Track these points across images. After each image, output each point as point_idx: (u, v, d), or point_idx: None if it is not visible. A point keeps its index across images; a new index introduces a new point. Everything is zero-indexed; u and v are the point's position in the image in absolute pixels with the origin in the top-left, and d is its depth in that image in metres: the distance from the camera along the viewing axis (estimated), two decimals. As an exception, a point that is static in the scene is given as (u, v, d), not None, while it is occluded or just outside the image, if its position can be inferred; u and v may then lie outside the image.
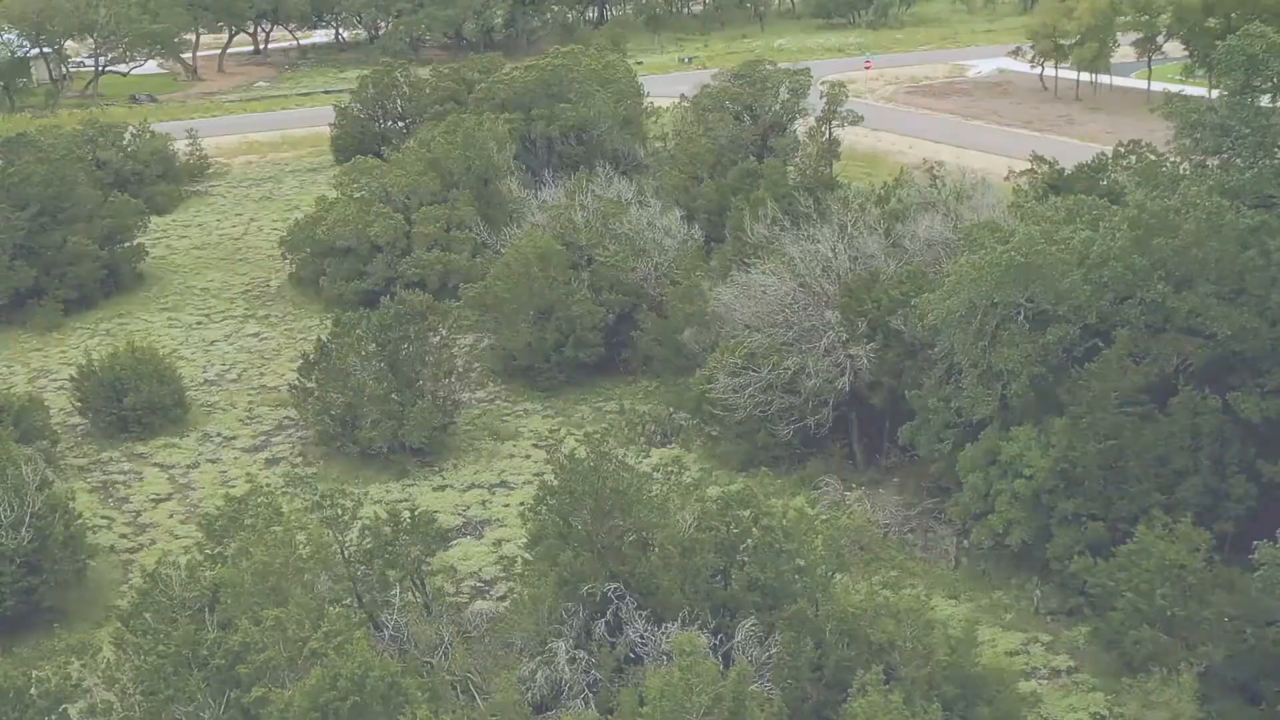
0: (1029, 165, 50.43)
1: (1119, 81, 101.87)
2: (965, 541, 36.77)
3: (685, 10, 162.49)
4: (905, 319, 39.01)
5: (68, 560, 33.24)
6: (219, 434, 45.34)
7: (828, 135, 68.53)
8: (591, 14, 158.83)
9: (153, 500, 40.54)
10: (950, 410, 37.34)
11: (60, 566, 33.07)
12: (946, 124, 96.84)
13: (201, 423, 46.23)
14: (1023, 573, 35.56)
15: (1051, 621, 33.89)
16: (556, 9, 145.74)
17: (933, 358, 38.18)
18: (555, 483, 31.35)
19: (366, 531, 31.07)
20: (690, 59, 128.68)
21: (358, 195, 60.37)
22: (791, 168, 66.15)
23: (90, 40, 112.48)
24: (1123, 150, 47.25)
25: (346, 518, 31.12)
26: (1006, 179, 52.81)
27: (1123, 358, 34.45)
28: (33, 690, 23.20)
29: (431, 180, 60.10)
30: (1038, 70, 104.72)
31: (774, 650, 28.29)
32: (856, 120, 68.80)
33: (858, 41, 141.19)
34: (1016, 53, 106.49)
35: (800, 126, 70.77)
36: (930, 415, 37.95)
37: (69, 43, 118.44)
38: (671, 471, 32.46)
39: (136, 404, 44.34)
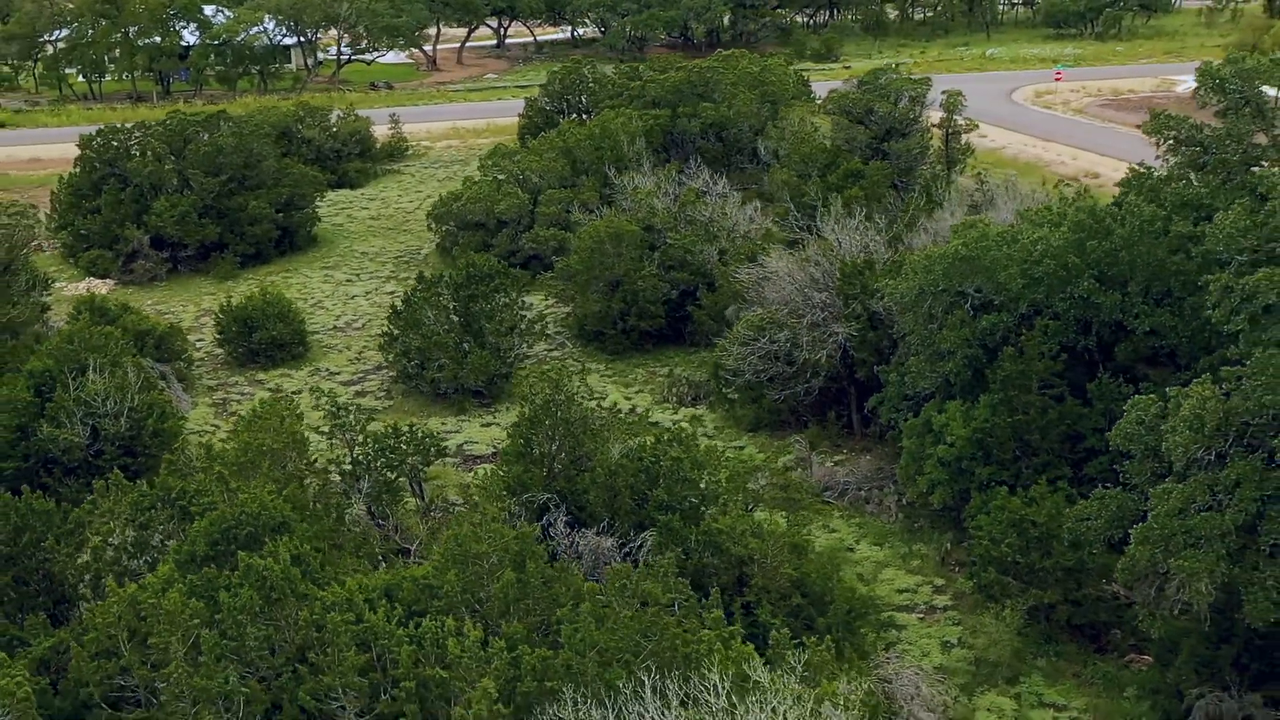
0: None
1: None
2: (903, 499, 41.66)
3: (912, 17, 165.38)
4: (880, 302, 44.05)
5: (157, 447, 41.93)
6: (327, 369, 53.96)
7: (945, 140, 72.90)
8: (821, 17, 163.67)
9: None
10: (904, 384, 42.23)
11: (151, 453, 41.83)
12: (1123, 138, 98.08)
13: (318, 359, 54.96)
14: (950, 530, 40.25)
15: (955, 571, 38.55)
16: (779, 12, 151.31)
17: (894, 337, 43.17)
18: (526, 413, 38.27)
19: (369, 439, 38.60)
20: (897, 65, 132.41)
21: (500, 177, 68.42)
22: (924, 170, 71.06)
23: (334, 31, 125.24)
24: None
25: (357, 427, 38.82)
26: (1056, 186, 56.38)
27: (1039, 344, 38.72)
28: (66, 520, 31.64)
29: (562, 166, 67.49)
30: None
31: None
32: (972, 127, 72.89)
33: (1074, 53, 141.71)
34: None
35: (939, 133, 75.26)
36: (890, 389, 42.93)
37: (327, 33, 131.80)
38: (623, 414, 38.76)
39: (263, 339, 53.33)
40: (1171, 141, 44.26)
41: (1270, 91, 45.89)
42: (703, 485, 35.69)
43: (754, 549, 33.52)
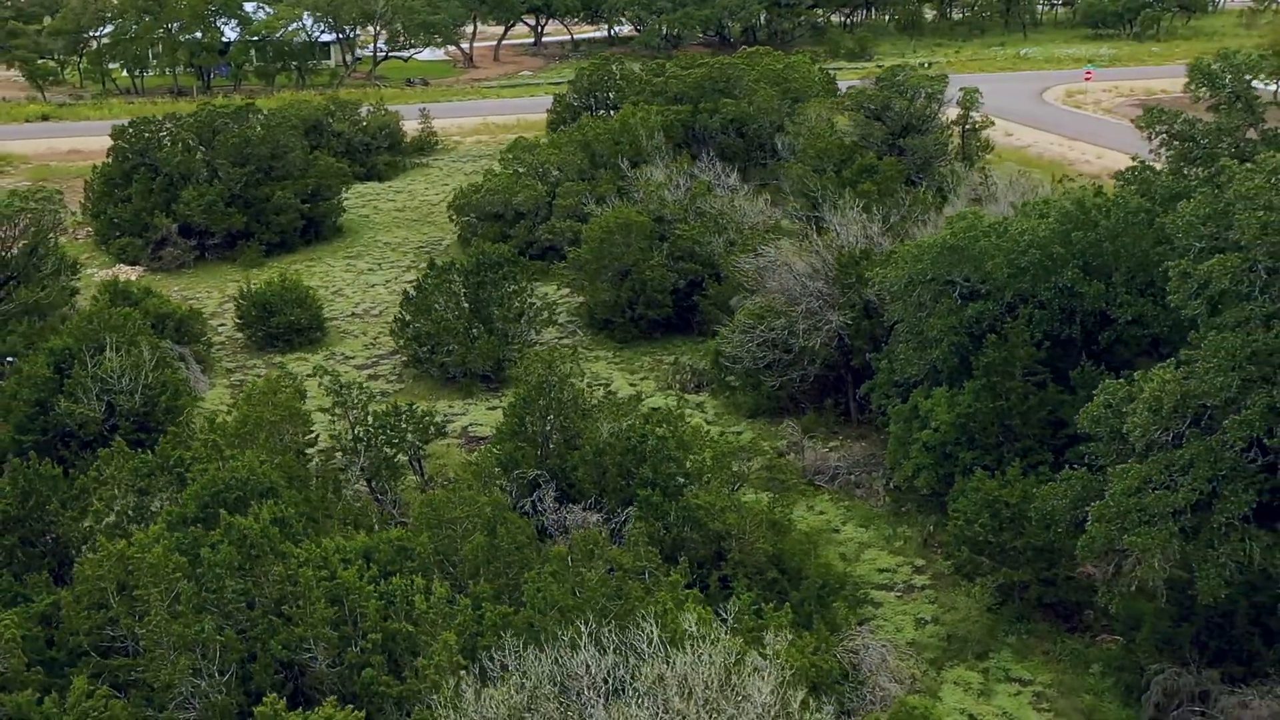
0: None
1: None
2: (890, 483, 42.61)
3: (950, 16, 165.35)
4: (873, 290, 45.01)
5: (170, 423, 43.49)
6: (342, 354, 55.50)
7: (961, 136, 73.68)
8: (859, 16, 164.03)
9: (269, 396, 50.76)
10: (894, 371, 43.16)
11: (163, 428, 43.34)
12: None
13: (334, 344, 56.52)
14: (934, 514, 41.13)
15: (936, 552, 39.44)
16: (813, 11, 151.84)
17: (885, 324, 44.11)
18: (521, 392, 39.57)
19: (370, 417, 40.00)
20: (930, 64, 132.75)
21: (520, 170, 69.80)
22: (940, 167, 71.93)
23: (372, 29, 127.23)
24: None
25: (359, 405, 40.24)
26: (1060, 181, 57.08)
27: (1023, 332, 39.57)
28: (73, 486, 33.23)
29: (580, 160, 68.77)
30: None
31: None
32: (987, 124, 73.67)
33: (1109, 53, 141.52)
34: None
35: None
36: (881, 375, 43.88)
37: (365, 30, 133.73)
38: (615, 395, 39.98)
39: (280, 324, 54.93)
40: (1164, 135, 44.96)
41: (1270, 87, 46.59)
42: (688, 464, 36.82)
43: (732, 525, 34.62)
